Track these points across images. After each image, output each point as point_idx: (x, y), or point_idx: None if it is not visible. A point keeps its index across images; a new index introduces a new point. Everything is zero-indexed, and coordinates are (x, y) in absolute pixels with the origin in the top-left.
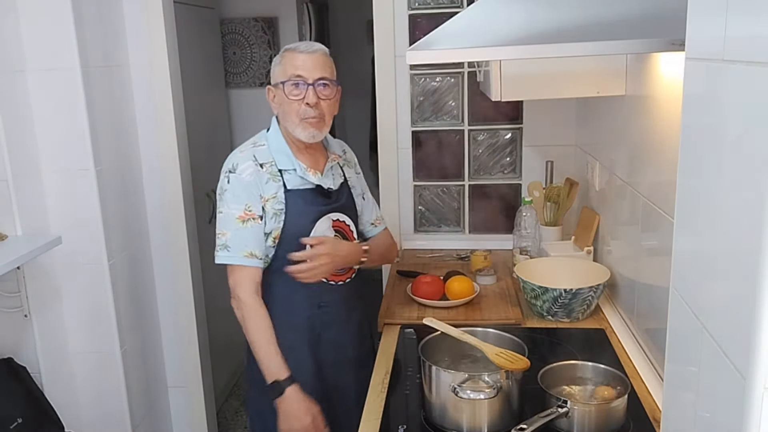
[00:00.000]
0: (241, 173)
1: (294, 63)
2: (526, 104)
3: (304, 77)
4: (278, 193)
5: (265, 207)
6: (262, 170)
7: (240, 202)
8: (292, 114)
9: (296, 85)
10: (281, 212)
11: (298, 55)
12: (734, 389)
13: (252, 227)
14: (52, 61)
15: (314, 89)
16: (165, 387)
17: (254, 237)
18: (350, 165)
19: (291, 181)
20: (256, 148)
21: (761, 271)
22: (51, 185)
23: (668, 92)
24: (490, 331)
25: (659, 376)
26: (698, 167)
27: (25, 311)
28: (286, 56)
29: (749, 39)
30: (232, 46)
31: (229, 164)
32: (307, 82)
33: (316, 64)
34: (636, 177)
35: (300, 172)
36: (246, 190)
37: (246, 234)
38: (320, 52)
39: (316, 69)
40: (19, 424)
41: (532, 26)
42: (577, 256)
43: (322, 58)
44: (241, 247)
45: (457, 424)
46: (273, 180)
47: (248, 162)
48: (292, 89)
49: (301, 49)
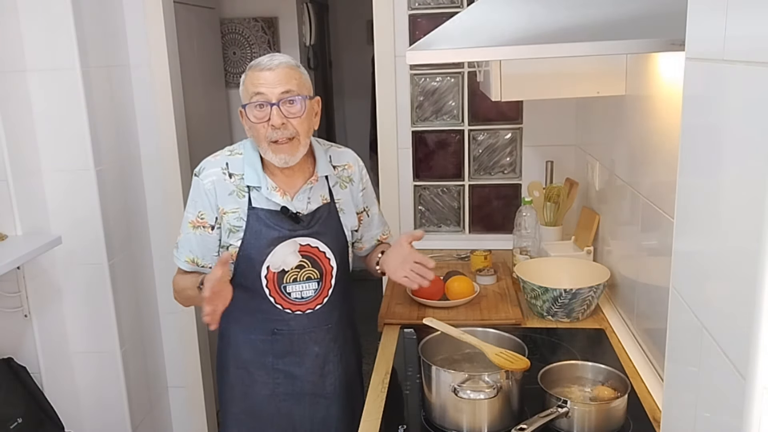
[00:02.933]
0: (203, 179)
1: (255, 81)
2: (526, 104)
3: (266, 95)
4: (241, 208)
5: (221, 219)
6: (228, 180)
7: (195, 208)
8: (260, 138)
9: (260, 106)
10: (240, 230)
11: (258, 73)
12: (734, 389)
13: (201, 235)
14: (52, 61)
15: (278, 109)
16: (165, 387)
17: (200, 245)
18: (347, 182)
19: (257, 198)
20: (231, 156)
21: (761, 271)
22: (51, 185)
23: (668, 92)
24: (490, 331)
25: (659, 376)
26: (698, 167)
27: (25, 311)
28: (248, 75)
29: (749, 39)
30: (232, 46)
31: (198, 166)
32: (269, 101)
33: (278, 78)
34: (636, 177)
35: (265, 191)
36: (202, 197)
37: (192, 240)
38: (283, 66)
39: (279, 84)
40: (19, 424)
41: (532, 26)
42: (577, 256)
43: (285, 70)
44: (185, 252)
45: (457, 424)
46: (238, 194)
47: (215, 169)
48: (255, 111)
49: (262, 65)
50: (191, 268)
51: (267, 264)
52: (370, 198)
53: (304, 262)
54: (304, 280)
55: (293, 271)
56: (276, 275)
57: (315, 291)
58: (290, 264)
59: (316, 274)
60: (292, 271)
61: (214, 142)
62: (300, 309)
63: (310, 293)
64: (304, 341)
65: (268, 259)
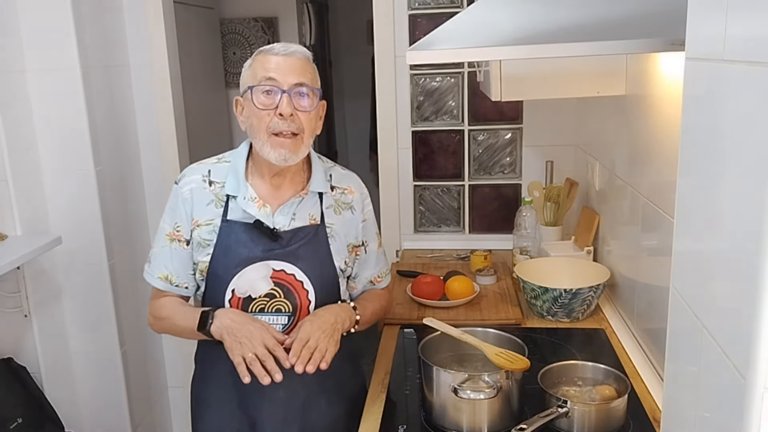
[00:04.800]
0: (182, 187)
1: (266, 65)
2: (526, 104)
3: (278, 82)
4: (215, 220)
5: (193, 233)
6: (207, 189)
7: (172, 218)
8: (260, 128)
9: (267, 92)
10: (210, 244)
11: (272, 57)
12: (734, 389)
13: (177, 250)
14: (52, 61)
15: (289, 97)
16: (165, 387)
17: (175, 260)
18: (344, 207)
19: (234, 210)
20: (218, 163)
21: (761, 271)
22: (51, 185)
23: (668, 92)
24: (490, 331)
25: (659, 376)
26: (698, 167)
27: (25, 311)
28: (257, 59)
29: (749, 39)
30: (232, 46)
31: (180, 174)
32: (280, 87)
33: (293, 67)
34: (636, 177)
35: (241, 201)
36: (179, 206)
37: (168, 254)
38: (298, 55)
39: (293, 73)
40: (19, 424)
41: (532, 26)
42: (577, 256)
43: (300, 61)
44: (159, 267)
45: (457, 424)
46: (216, 204)
47: (195, 176)
48: (261, 97)
49: (276, 50)
50: (164, 286)
51: (232, 287)
52: (371, 232)
53: (275, 291)
54: (273, 312)
55: (262, 299)
56: (242, 301)
57: (284, 327)
58: (258, 291)
59: (287, 307)
60: (260, 299)
61: (214, 142)
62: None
63: (278, 328)
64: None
65: (234, 281)
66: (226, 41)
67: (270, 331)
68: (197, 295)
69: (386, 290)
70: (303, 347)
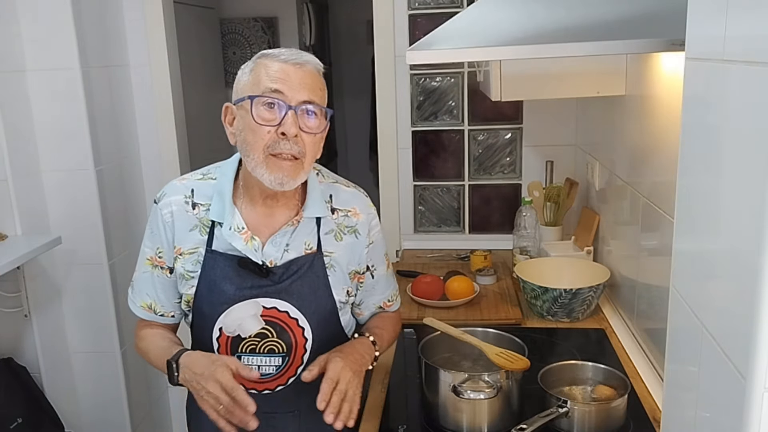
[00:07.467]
0: (162, 208)
1: (271, 74)
2: (526, 104)
3: (285, 96)
4: (199, 249)
5: (176, 263)
6: (190, 212)
7: (153, 242)
8: (256, 146)
9: (270, 106)
10: (194, 276)
11: (281, 65)
12: (734, 389)
13: (159, 277)
14: (52, 61)
15: (295, 115)
16: (165, 387)
17: (159, 288)
18: (347, 232)
19: (219, 238)
20: (203, 180)
21: (761, 271)
22: (51, 185)
23: (668, 92)
24: (490, 331)
25: (659, 376)
26: (698, 167)
27: (25, 311)
28: (260, 64)
29: (749, 39)
30: (232, 46)
31: (161, 191)
32: (287, 103)
33: (303, 81)
34: (636, 177)
35: (226, 232)
36: (160, 230)
37: (150, 281)
38: (311, 66)
39: (303, 88)
40: (19, 424)
41: (532, 26)
42: (577, 256)
43: (313, 76)
44: (141, 295)
45: (457, 424)
46: (200, 231)
47: (177, 197)
48: (263, 110)
49: (284, 56)
50: (148, 316)
51: (219, 325)
52: (378, 255)
53: (267, 330)
54: (265, 353)
55: (252, 339)
56: (231, 340)
57: (277, 368)
58: (248, 331)
59: (281, 347)
60: (251, 338)
61: (214, 142)
62: (256, 387)
63: (271, 370)
64: (261, 428)
65: (221, 319)
66: (226, 41)
67: (230, 369)
68: (187, 321)
69: (397, 313)
70: (333, 391)
